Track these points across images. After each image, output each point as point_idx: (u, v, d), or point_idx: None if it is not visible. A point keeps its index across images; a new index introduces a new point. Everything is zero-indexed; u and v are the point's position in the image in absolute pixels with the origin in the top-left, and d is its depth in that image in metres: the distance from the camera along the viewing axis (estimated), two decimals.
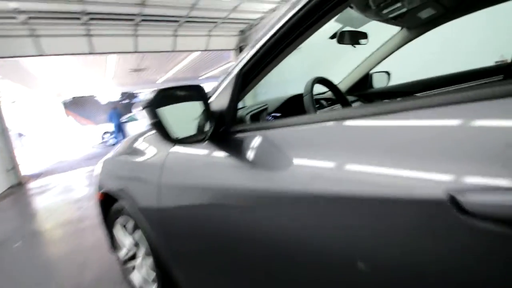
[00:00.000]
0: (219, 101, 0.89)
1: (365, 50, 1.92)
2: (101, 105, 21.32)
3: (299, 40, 0.78)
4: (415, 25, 1.64)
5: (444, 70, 1.87)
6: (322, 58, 5.22)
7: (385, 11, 1.25)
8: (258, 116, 1.36)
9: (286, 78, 6.17)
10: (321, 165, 0.57)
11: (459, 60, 1.95)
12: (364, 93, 2.15)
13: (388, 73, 2.15)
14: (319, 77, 1.30)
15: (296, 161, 0.61)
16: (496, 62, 1.85)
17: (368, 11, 1.26)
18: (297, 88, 1.39)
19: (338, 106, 1.55)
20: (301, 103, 1.14)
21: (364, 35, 1.64)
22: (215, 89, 0.93)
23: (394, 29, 1.77)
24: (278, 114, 1.40)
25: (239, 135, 0.81)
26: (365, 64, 2.01)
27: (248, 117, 1.31)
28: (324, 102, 1.69)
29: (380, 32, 1.82)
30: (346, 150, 0.54)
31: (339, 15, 0.76)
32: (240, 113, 1.35)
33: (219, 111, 0.86)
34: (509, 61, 1.70)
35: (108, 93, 19.67)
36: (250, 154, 0.72)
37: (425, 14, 1.44)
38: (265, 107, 1.43)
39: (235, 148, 0.78)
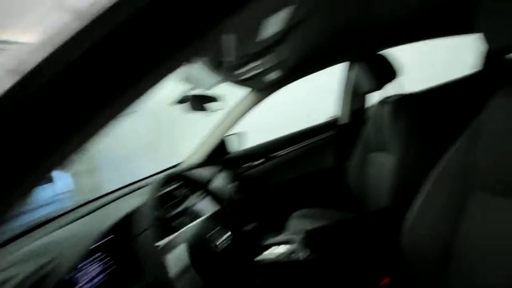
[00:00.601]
0: None
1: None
2: None
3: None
4: (264, 87, 1.55)
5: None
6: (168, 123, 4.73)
7: (237, 73, 1.00)
8: None
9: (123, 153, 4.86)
10: None
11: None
12: (223, 160, 1.86)
13: (240, 134, 2.00)
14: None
15: None
16: (327, 118, 2.12)
17: (220, 71, 0.96)
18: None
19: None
20: None
21: (213, 99, 1.35)
22: None
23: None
24: None
25: None
26: (219, 129, 1.75)
27: None
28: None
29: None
30: None
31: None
32: None
33: None
34: (334, 116, 1.93)
35: None
36: None
37: (274, 76, 1.34)
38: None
39: None
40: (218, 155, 1.85)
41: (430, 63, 3.00)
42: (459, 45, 1.90)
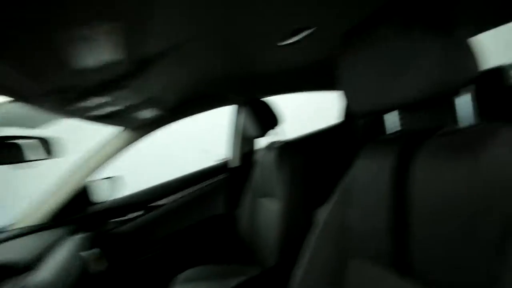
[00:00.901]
0: None
1: None
2: None
3: None
4: (139, 125, 1.30)
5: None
6: None
7: (82, 107, 0.74)
8: None
9: None
10: None
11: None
12: (80, 215, 1.41)
13: (115, 179, 1.60)
14: None
15: None
16: (216, 161, 2.01)
17: (47, 105, 0.67)
18: None
19: None
20: None
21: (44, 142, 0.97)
22: None
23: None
24: None
25: None
26: (76, 175, 1.33)
27: None
28: None
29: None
30: None
31: None
32: None
33: None
34: (223, 159, 1.84)
35: None
36: None
37: (148, 114, 1.13)
38: None
39: None
40: (75, 208, 1.40)
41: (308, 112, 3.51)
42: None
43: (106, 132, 1.33)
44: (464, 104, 0.49)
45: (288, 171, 1.19)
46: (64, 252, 1.06)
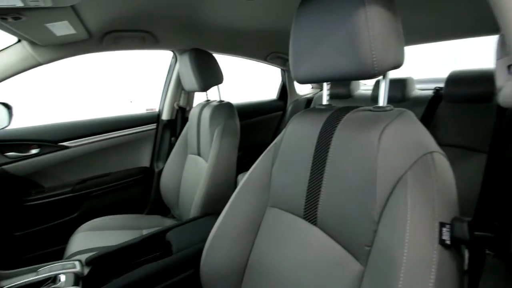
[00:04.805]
0: None
1: None
2: None
3: None
4: (47, 43, 1.05)
5: None
6: None
7: None
8: None
9: None
10: None
11: None
12: None
13: (6, 105, 1.30)
14: None
15: None
16: (147, 109, 1.84)
17: None
18: None
19: None
20: None
21: None
22: None
23: None
24: None
25: None
26: None
27: None
28: None
29: None
30: None
31: None
32: None
33: None
34: (156, 110, 1.71)
35: None
36: None
37: (60, 30, 0.92)
38: None
39: None
40: None
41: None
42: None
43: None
44: (382, 87, 0.56)
45: (220, 132, 1.18)
46: None
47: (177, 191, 1.42)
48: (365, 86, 2.02)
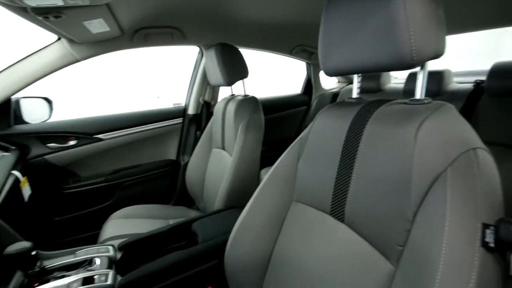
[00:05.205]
0: None
1: None
2: None
3: None
4: (82, 40, 1.11)
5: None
6: None
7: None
8: None
9: None
10: None
11: None
12: (6, 133, 1.23)
13: (47, 99, 1.40)
14: None
15: None
16: (174, 104, 1.89)
17: None
18: None
19: None
20: None
21: None
22: None
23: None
24: None
25: None
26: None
27: None
28: None
29: None
30: None
31: None
32: None
33: None
34: (182, 104, 1.75)
35: None
36: None
37: (96, 28, 0.96)
38: None
39: None
40: None
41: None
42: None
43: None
44: (420, 79, 0.53)
45: (245, 126, 1.19)
46: None
47: (202, 184, 1.45)
48: (396, 80, 1.92)
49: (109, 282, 0.71)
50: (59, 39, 1.13)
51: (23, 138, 1.28)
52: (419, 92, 0.51)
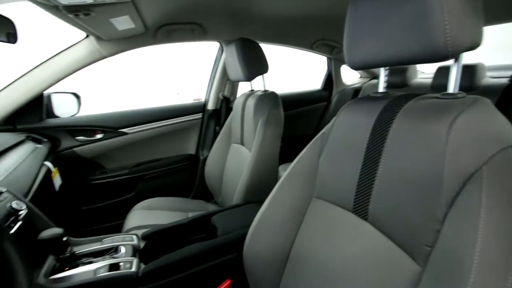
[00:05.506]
0: None
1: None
2: None
3: None
4: (109, 37, 1.15)
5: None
6: None
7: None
8: None
9: None
10: None
11: None
12: (39, 126, 1.31)
13: (76, 95, 1.47)
14: None
15: None
16: (194, 99, 1.93)
17: None
18: None
19: None
20: None
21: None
22: None
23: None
24: None
25: None
26: (32, 81, 1.19)
27: None
28: None
29: None
30: None
31: None
32: None
33: None
34: (202, 100, 1.78)
35: None
36: None
37: (122, 25, 0.99)
38: None
39: None
40: (32, 117, 1.29)
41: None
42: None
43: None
44: (454, 72, 0.50)
45: (264, 121, 1.18)
46: (28, 158, 1.00)
47: (220, 179, 1.47)
48: (422, 75, 1.84)
49: (133, 269, 0.74)
50: (87, 36, 1.18)
51: (54, 131, 1.35)
52: (453, 85, 0.49)
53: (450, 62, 0.49)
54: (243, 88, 1.62)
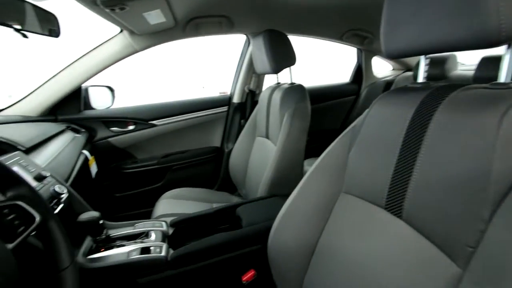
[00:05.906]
0: None
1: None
2: None
3: None
4: (146, 31, 1.19)
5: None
6: None
7: None
8: None
9: None
10: None
11: None
12: (77, 117, 1.40)
13: (111, 88, 1.55)
14: None
15: None
16: (220, 93, 1.96)
17: None
18: None
19: None
20: None
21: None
22: None
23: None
24: None
25: None
26: (72, 74, 1.27)
27: None
28: None
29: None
30: None
31: None
32: None
33: None
34: (228, 93, 1.79)
35: None
36: None
37: (158, 19, 1.02)
38: None
39: None
40: (72, 109, 1.38)
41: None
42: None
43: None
44: (506, 59, 0.45)
45: (291, 115, 1.16)
46: (68, 146, 1.08)
47: (245, 171, 1.48)
48: (462, 66, 1.70)
49: (163, 254, 0.77)
50: (121, 31, 1.23)
51: (91, 122, 1.44)
52: (504, 74, 0.44)
53: (499, 50, 0.44)
54: (269, 82, 1.60)
